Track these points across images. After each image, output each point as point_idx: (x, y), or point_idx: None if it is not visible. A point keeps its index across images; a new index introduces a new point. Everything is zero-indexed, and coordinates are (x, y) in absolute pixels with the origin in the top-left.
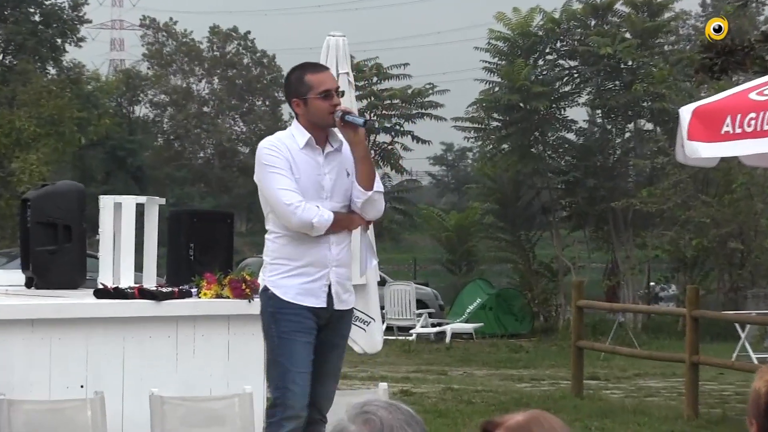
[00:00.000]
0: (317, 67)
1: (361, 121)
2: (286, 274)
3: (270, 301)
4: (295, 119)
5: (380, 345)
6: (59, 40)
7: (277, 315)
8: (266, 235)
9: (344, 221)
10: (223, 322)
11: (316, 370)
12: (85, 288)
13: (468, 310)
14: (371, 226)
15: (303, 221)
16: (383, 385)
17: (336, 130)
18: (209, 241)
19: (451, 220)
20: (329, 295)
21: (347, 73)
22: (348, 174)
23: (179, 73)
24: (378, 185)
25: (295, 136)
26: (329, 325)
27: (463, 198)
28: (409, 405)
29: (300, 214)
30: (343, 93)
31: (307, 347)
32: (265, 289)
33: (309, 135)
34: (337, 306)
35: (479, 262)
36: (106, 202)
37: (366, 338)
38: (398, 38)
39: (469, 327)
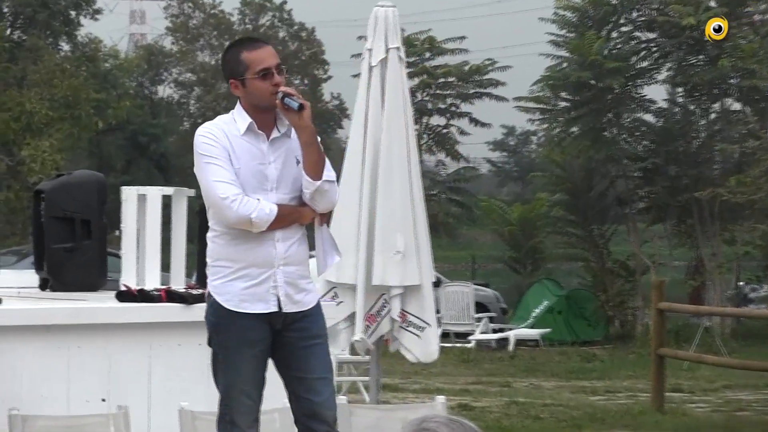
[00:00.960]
0: (255, 44)
1: (295, 104)
2: (227, 278)
3: (211, 308)
4: (238, 103)
5: (436, 353)
6: (73, 13)
7: (219, 326)
8: (207, 234)
9: (292, 215)
10: None
11: (299, 378)
12: (106, 290)
13: (534, 314)
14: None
15: (240, 216)
16: (440, 398)
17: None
18: None
19: (514, 212)
20: (278, 298)
21: (397, 48)
22: (298, 162)
23: (207, 48)
24: (328, 173)
25: (236, 120)
26: (291, 327)
27: (527, 188)
28: (469, 421)
29: (236, 209)
30: (285, 70)
31: (253, 361)
32: (209, 295)
33: (250, 119)
34: (289, 308)
35: (546, 260)
36: (128, 193)
37: (421, 346)
38: (454, 8)
39: (535, 333)
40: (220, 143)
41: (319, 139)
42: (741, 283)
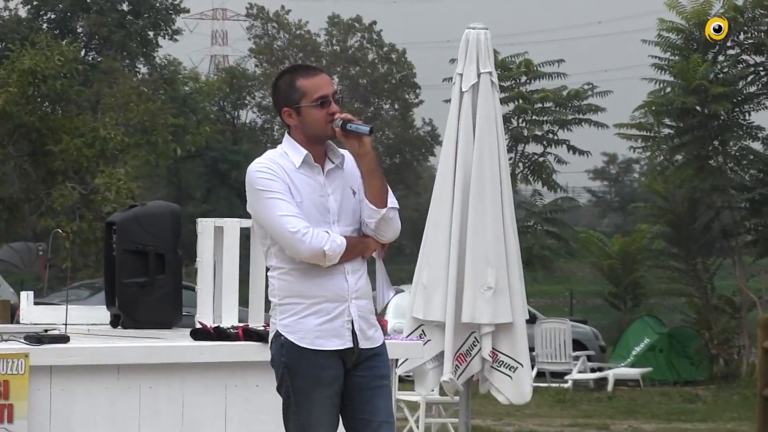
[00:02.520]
0: (310, 70)
1: (366, 128)
2: (299, 315)
3: (283, 349)
4: (286, 134)
5: (529, 395)
6: (151, 33)
7: (292, 367)
8: (269, 273)
9: (358, 246)
10: None
11: (365, 421)
12: (181, 327)
13: (634, 352)
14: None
15: (314, 250)
16: None
17: (334, 144)
18: None
19: (614, 245)
20: (353, 333)
21: (489, 73)
22: (354, 193)
23: None
24: (392, 201)
25: (288, 154)
26: (360, 366)
27: (628, 219)
28: None
29: (309, 242)
30: (341, 99)
31: (328, 402)
32: (277, 335)
33: (306, 152)
34: (363, 345)
35: (648, 296)
36: (205, 225)
37: (512, 387)
38: (551, 29)
39: (635, 372)
40: (279, 177)
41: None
42: None
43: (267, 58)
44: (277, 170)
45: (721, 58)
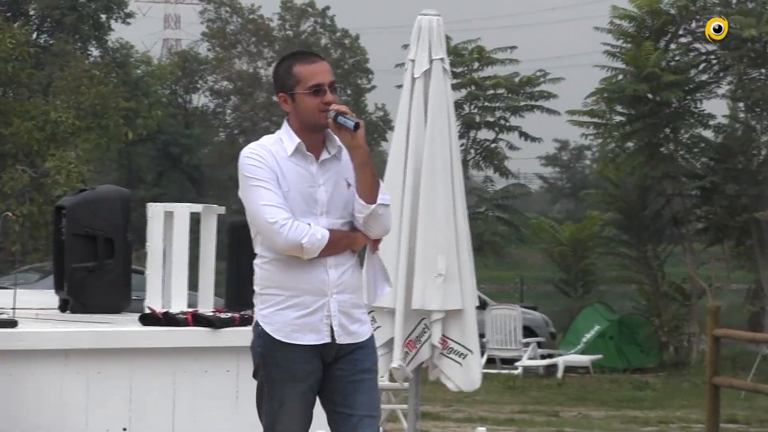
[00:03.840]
0: (308, 57)
1: (352, 123)
2: (277, 307)
3: (260, 339)
4: (285, 122)
5: (479, 382)
6: (103, 16)
7: (267, 357)
8: (254, 261)
9: (344, 240)
10: None
11: (345, 415)
12: (130, 312)
13: (584, 339)
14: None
15: (290, 242)
16: (482, 429)
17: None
18: None
19: (565, 232)
20: (332, 328)
21: (441, 59)
22: (349, 185)
23: (245, 55)
24: (383, 197)
25: (283, 141)
26: (342, 359)
27: (580, 205)
28: None
29: (287, 234)
30: (338, 88)
31: (301, 396)
32: (257, 324)
33: (299, 140)
34: (343, 340)
35: (598, 283)
36: (155, 210)
37: (462, 374)
38: (504, 15)
39: (585, 359)
40: (268, 165)
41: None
42: None
43: (219, 42)
44: (266, 157)
45: (673, 46)
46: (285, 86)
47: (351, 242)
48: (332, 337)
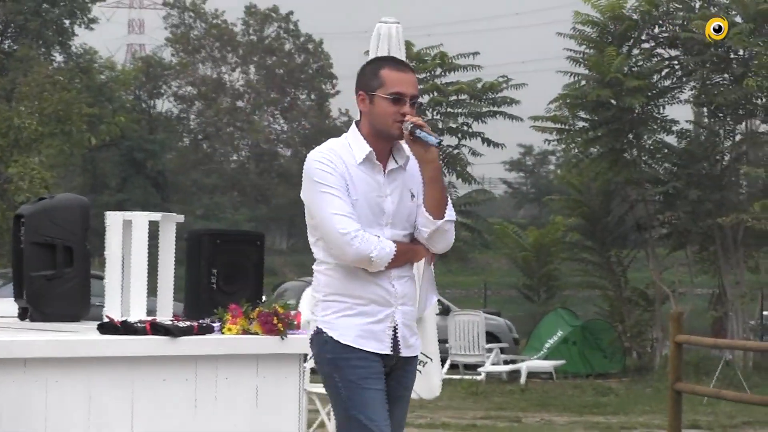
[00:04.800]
0: (399, 65)
1: (435, 140)
2: (343, 313)
3: (326, 345)
4: (354, 124)
5: (438, 389)
6: (67, 22)
7: (339, 361)
8: (315, 266)
9: (407, 254)
10: (250, 362)
11: None
12: (89, 320)
13: (547, 345)
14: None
15: (360, 255)
16: None
17: (403, 143)
18: (235, 267)
19: (529, 237)
20: (395, 340)
21: None
22: (413, 196)
23: (209, 60)
24: (450, 213)
25: (352, 147)
26: (393, 374)
27: (544, 211)
28: None
29: (357, 246)
30: (420, 105)
31: (381, 395)
32: (319, 331)
33: (370, 149)
34: (404, 353)
35: (561, 288)
36: (113, 219)
37: (422, 381)
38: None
39: (548, 365)
40: (338, 172)
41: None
42: (766, 313)
43: (183, 48)
44: (337, 163)
45: (635, 51)
46: (367, 86)
47: (414, 255)
48: (394, 348)
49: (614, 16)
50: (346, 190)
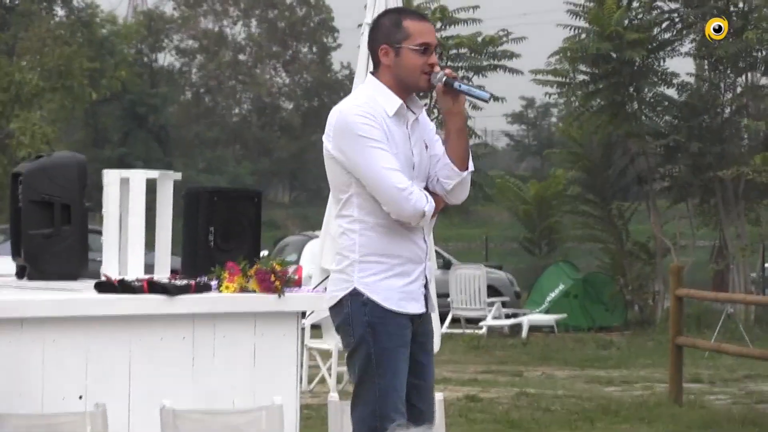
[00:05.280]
0: (419, 16)
1: (486, 95)
2: (383, 275)
3: (365, 308)
4: (371, 78)
5: (437, 345)
6: None
7: (377, 326)
8: (346, 224)
9: (439, 205)
10: (248, 321)
11: (417, 385)
12: (89, 278)
13: (549, 299)
14: None
15: (417, 209)
16: (438, 395)
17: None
18: (233, 224)
19: (530, 190)
20: (425, 297)
21: None
22: (426, 147)
23: (210, 14)
24: (471, 164)
25: (379, 100)
26: (420, 329)
27: (546, 164)
28: (476, 413)
29: (414, 201)
30: (441, 54)
31: (406, 365)
32: (357, 293)
33: (400, 101)
34: (430, 308)
35: (563, 241)
36: (110, 177)
37: None
38: None
39: (549, 318)
40: (380, 125)
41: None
42: (767, 265)
43: (185, 1)
44: (378, 117)
45: (635, 4)
46: (391, 38)
47: (439, 208)
48: (426, 305)
49: None
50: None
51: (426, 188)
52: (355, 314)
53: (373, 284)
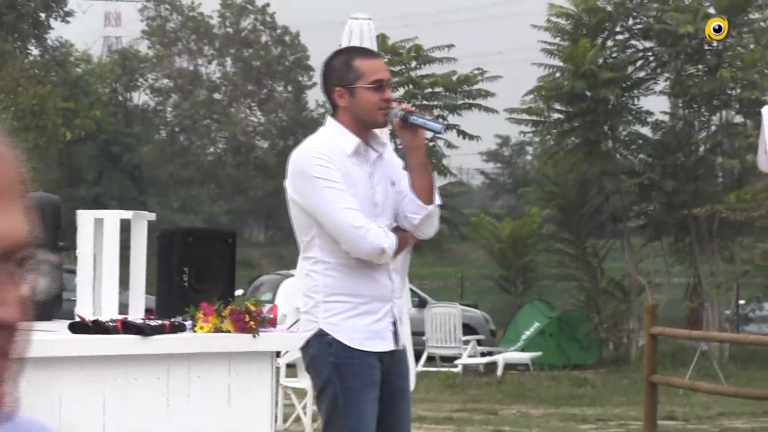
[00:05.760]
0: (368, 53)
1: (439, 127)
2: (348, 314)
3: (330, 348)
4: (330, 119)
5: (413, 382)
6: (43, 14)
7: (342, 366)
8: (309, 266)
9: (403, 243)
10: (222, 360)
11: (389, 424)
12: (61, 319)
13: (524, 337)
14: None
15: (374, 248)
16: None
17: (377, 131)
18: (207, 264)
19: (505, 228)
20: (395, 335)
21: None
22: (393, 184)
23: (185, 53)
24: (437, 198)
25: (337, 140)
26: (392, 368)
27: (521, 201)
28: None
29: (371, 240)
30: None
31: (375, 405)
32: (322, 333)
33: (358, 140)
34: (400, 345)
35: (538, 279)
36: (84, 217)
37: None
38: (442, 11)
39: (525, 356)
40: (336, 165)
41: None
42: (742, 302)
43: (160, 40)
44: (333, 157)
45: (609, 43)
46: (343, 80)
47: (406, 244)
48: (395, 342)
49: (588, 8)
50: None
51: (398, 225)
52: (321, 355)
53: (338, 324)
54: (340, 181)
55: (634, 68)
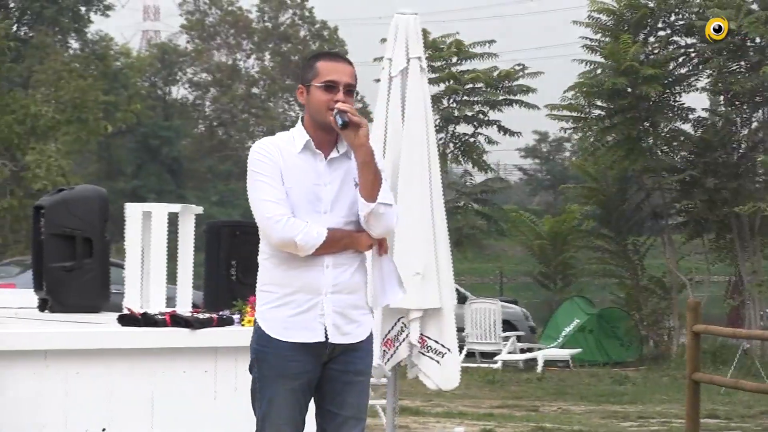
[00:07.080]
0: (334, 57)
1: (340, 121)
2: (273, 304)
3: (255, 335)
4: (300, 117)
5: (457, 380)
6: (83, 9)
7: (260, 354)
8: (258, 257)
9: (344, 240)
10: None
11: (332, 413)
12: (109, 311)
13: (564, 333)
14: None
15: (285, 238)
16: (459, 429)
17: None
18: (254, 258)
19: (544, 225)
20: (326, 327)
21: (419, 58)
22: (356, 184)
23: (224, 47)
24: (385, 196)
25: (294, 138)
26: (335, 360)
27: (559, 198)
28: None
29: (281, 230)
30: (357, 93)
31: (290, 395)
32: (255, 321)
33: (308, 137)
34: (336, 340)
35: (578, 276)
36: (132, 210)
37: (440, 372)
38: (483, 6)
39: (565, 353)
40: (273, 160)
41: (378, 159)
42: None
43: (198, 34)
44: (273, 152)
45: (651, 39)
46: (304, 78)
47: (352, 242)
48: (326, 336)
49: (630, 4)
50: (280, 178)
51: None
52: (251, 341)
53: (263, 313)
54: (270, 175)
55: (676, 65)
